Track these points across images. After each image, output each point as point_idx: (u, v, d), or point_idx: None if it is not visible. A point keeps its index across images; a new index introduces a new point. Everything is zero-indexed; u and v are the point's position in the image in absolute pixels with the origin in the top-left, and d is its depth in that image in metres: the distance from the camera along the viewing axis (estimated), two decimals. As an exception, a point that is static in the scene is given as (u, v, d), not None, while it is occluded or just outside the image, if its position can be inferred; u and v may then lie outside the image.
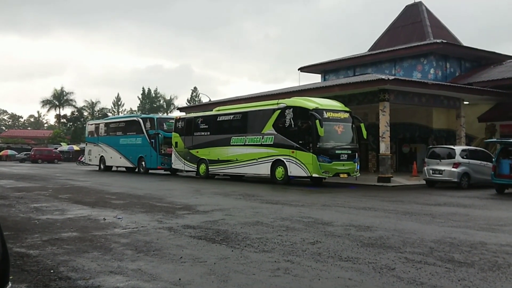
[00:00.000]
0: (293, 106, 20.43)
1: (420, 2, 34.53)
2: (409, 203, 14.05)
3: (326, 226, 9.22)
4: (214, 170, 24.43)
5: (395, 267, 6.05)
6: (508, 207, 13.76)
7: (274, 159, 20.76)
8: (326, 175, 19.45)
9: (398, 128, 29.13)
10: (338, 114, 20.25)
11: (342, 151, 19.78)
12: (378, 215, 11.25)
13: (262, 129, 21.54)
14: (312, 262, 6.30)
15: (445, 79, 29.51)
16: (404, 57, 31.14)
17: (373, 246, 7.39)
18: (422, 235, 8.36)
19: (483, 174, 20.28)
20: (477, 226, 9.62)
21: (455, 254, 6.87)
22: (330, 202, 14.01)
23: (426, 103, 24.64)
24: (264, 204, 13.18)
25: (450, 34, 33.61)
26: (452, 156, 20.30)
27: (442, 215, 11.39)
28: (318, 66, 36.63)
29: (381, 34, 35.90)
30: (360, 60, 33.82)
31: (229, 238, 7.90)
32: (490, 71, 29.54)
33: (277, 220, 9.92)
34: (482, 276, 5.66)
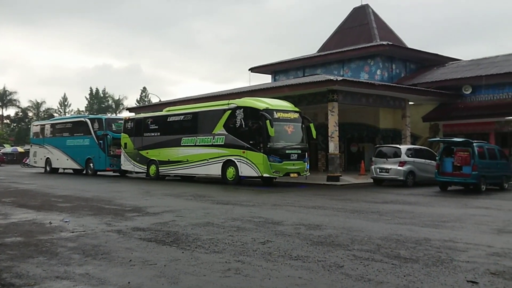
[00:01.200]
0: (243, 106, 20.48)
1: (367, 5, 35.31)
2: (357, 201, 14.37)
3: (276, 226, 9.30)
4: (165, 171, 24.17)
5: (343, 265, 6.18)
6: (451, 203, 14.29)
7: (225, 160, 20.75)
8: (277, 174, 19.60)
9: (346, 128, 29.70)
10: (288, 114, 20.46)
11: (292, 151, 19.99)
12: (328, 213, 11.45)
13: (213, 130, 21.49)
14: (262, 262, 6.35)
15: (391, 80, 30.31)
16: (352, 58, 31.78)
17: (323, 244, 7.52)
18: (370, 233, 8.57)
19: (427, 172, 20.97)
20: (421, 223, 9.95)
21: (401, 250, 7.09)
22: (281, 201, 14.14)
23: (373, 103, 25.24)
24: (215, 204, 13.16)
25: (396, 36, 34.54)
26: (398, 155, 20.88)
27: (388, 212, 11.71)
28: (269, 67, 36.86)
29: (330, 36, 36.49)
30: (310, 61, 34.27)
31: (180, 240, 7.85)
32: (433, 72, 30.56)
33: (228, 221, 9.93)
34: (426, 271, 5.86)
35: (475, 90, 26.94)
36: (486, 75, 26.15)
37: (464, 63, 31.35)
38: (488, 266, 6.14)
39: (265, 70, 37.49)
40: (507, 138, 25.83)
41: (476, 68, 28.30)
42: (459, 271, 5.91)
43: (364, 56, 31.03)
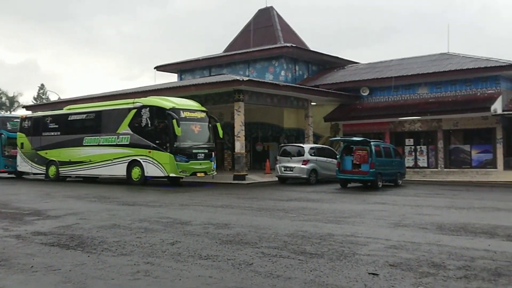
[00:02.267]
0: (149, 105, 20.15)
1: (272, 7, 36.06)
2: (263, 200, 14.67)
3: (185, 226, 9.28)
4: (66, 172, 23.16)
5: (252, 262, 6.31)
6: (351, 200, 15.02)
7: (130, 160, 20.30)
8: (184, 174, 19.51)
9: (252, 127, 30.18)
10: (195, 113, 20.43)
11: (199, 150, 19.99)
12: (235, 212, 11.59)
13: (117, 129, 20.93)
14: (172, 263, 6.32)
15: (295, 81, 31.20)
16: (257, 59, 32.31)
17: (231, 243, 7.62)
18: (277, 230, 8.81)
19: (329, 170, 21.87)
20: (325, 219, 10.38)
21: (307, 246, 7.36)
22: (188, 201, 14.10)
23: (277, 103, 25.85)
24: (120, 206, 12.85)
25: (299, 39, 35.60)
26: (301, 154, 21.59)
27: (293, 210, 12.09)
28: (174, 66, 36.50)
29: (236, 36, 36.85)
30: (216, 60, 34.39)
31: (85, 243, 7.59)
32: (334, 74, 31.87)
33: (135, 222, 9.74)
34: (331, 266, 6.14)
35: (372, 92, 28.45)
36: (382, 78, 27.72)
37: (362, 66, 32.99)
38: (387, 258, 6.55)
39: (171, 69, 37.09)
40: (400, 138, 27.54)
41: (373, 71, 29.90)
42: (361, 264, 6.25)
43: (269, 57, 31.67)
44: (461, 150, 25.87)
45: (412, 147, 27.11)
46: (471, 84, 25.29)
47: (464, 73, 24.98)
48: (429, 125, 26.35)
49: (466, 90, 25.41)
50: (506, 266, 6.10)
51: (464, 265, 6.18)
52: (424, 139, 27.02)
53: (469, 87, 25.33)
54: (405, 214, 11.43)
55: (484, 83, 24.92)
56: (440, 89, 26.16)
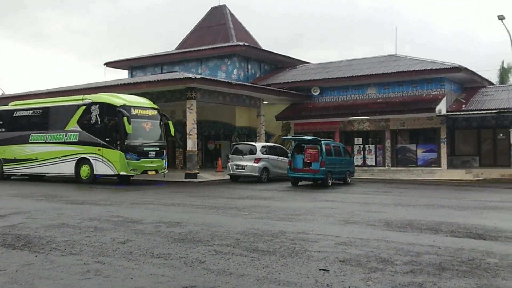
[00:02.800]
0: (99, 102, 19.76)
1: (224, 5, 36.01)
2: (216, 198, 14.68)
3: (136, 224, 9.18)
4: (10, 170, 22.38)
5: (205, 260, 6.32)
6: (302, 198, 15.24)
7: (79, 157, 19.85)
8: (134, 172, 19.26)
9: (204, 125, 30.09)
10: (146, 111, 20.18)
11: (150, 148, 19.77)
12: (187, 210, 11.55)
13: (65, 126, 20.42)
14: (123, 262, 6.25)
15: (247, 79, 31.31)
16: (209, 57, 32.21)
17: (184, 241, 7.60)
18: (229, 228, 8.84)
19: (280, 168, 22.09)
20: (277, 217, 10.49)
21: (259, 243, 7.43)
22: (139, 200, 13.94)
23: (230, 102, 25.89)
24: (69, 204, 12.56)
25: (251, 38, 35.71)
26: (253, 152, 21.71)
27: (246, 207, 12.16)
28: (125, 62, 35.88)
29: (188, 33, 36.57)
30: (168, 58, 34.04)
31: (32, 243, 7.39)
32: (286, 73, 32.19)
33: (84, 221, 9.55)
34: (283, 262, 6.23)
35: (322, 92, 28.93)
36: (332, 78, 28.22)
37: (313, 66, 33.47)
38: (337, 254, 6.70)
39: (122, 65, 36.43)
40: (350, 137, 28.15)
41: (324, 71, 30.40)
42: (312, 260, 6.37)
43: (221, 56, 31.63)
44: (408, 149, 26.70)
45: (361, 146, 27.77)
46: (417, 86, 26.14)
47: (410, 74, 25.80)
48: (377, 124, 27.05)
49: (413, 91, 26.24)
50: (449, 261, 6.36)
51: (411, 260, 6.40)
52: (372, 138, 27.73)
53: (416, 88, 26.17)
54: (354, 211, 11.70)
55: (429, 84, 25.81)
56: (388, 90, 26.90)
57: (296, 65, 34.19)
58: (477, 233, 8.57)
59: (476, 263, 6.27)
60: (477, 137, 27.05)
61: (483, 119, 26.38)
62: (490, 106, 25.29)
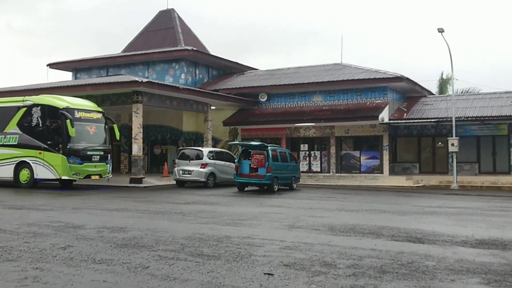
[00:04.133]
0: (41, 104, 19.15)
1: (173, 9, 35.73)
2: (161, 203, 14.51)
3: (77, 230, 8.94)
4: None
5: (149, 265, 6.24)
6: (248, 203, 15.29)
7: (19, 161, 19.12)
8: (77, 177, 18.76)
9: (150, 130, 29.70)
10: (91, 114, 19.73)
11: (94, 152, 19.33)
12: (131, 215, 11.37)
13: (4, 128, 19.65)
14: (64, 268, 6.08)
15: (195, 84, 31.16)
16: (157, 61, 31.87)
17: (127, 246, 7.47)
18: (174, 233, 8.76)
19: (227, 173, 22.08)
20: (222, 222, 10.49)
21: (204, 248, 7.40)
22: (82, 205, 13.59)
23: (177, 106, 25.68)
24: (6, 209, 12.09)
25: (200, 43, 35.62)
26: (200, 157, 21.61)
27: (191, 213, 12.08)
28: (69, 64, 34.91)
29: (135, 36, 36.04)
30: (114, 60, 33.40)
31: (-34, 249, 7.07)
32: (233, 79, 32.27)
33: (22, 226, 9.22)
34: (228, 267, 6.23)
35: (270, 98, 29.18)
36: (279, 85, 28.54)
37: (261, 72, 33.72)
38: (282, 258, 6.77)
39: (65, 67, 35.43)
40: (296, 143, 28.51)
41: (271, 78, 30.68)
42: (257, 264, 6.41)
43: (169, 60, 31.35)
44: (352, 156, 27.31)
45: (307, 152, 28.18)
46: (361, 94, 26.81)
47: (355, 83, 26.46)
48: (323, 131, 27.54)
49: (357, 99, 26.90)
50: (390, 264, 6.55)
51: (353, 263, 6.55)
52: (318, 144, 28.20)
53: (360, 97, 26.84)
54: (299, 216, 11.85)
55: (373, 93, 26.54)
56: (334, 98, 27.45)
57: (244, 71, 34.33)
58: (416, 237, 8.87)
59: (415, 266, 6.49)
60: (417, 145, 27.99)
61: (423, 127, 27.34)
62: (430, 115, 26.28)
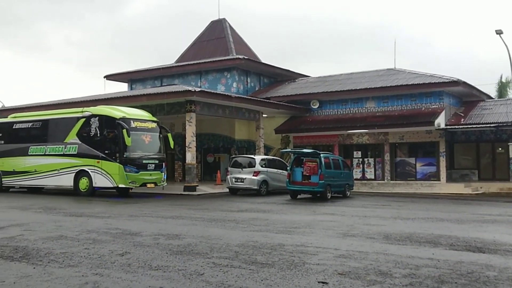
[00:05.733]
0: (99, 114, 19.80)
1: (224, 19, 36.25)
2: (215, 210, 14.65)
3: (134, 237, 9.15)
4: (9, 182, 22.34)
5: (204, 272, 6.31)
6: (301, 211, 15.21)
7: (78, 170, 19.82)
8: (133, 185, 19.22)
9: (203, 138, 30.14)
10: (146, 123, 20.21)
11: (149, 161, 19.76)
12: (186, 223, 11.52)
13: (65, 138, 20.43)
14: (122, 274, 6.23)
15: (246, 93, 31.41)
16: (209, 70, 32.36)
17: (182, 253, 7.58)
18: (228, 240, 8.82)
19: (279, 181, 22.06)
20: (275, 230, 10.47)
21: (258, 256, 7.41)
22: (138, 212, 13.91)
23: (229, 114, 25.94)
24: (67, 217, 12.53)
25: (251, 51, 35.90)
26: (252, 165, 21.70)
27: (244, 220, 12.13)
28: (125, 75, 36.02)
29: (188, 47, 36.76)
30: (168, 71, 34.17)
31: (30, 255, 7.37)
32: (285, 87, 32.30)
33: (82, 233, 9.53)
34: (282, 275, 6.21)
35: (322, 105, 29.01)
36: (331, 91, 28.33)
37: (313, 79, 33.61)
38: (336, 267, 6.69)
39: (121, 78, 36.57)
40: (349, 150, 28.18)
41: (323, 84, 30.52)
42: (311, 273, 6.35)
43: (221, 69, 31.78)
44: (407, 163, 26.71)
45: (360, 160, 27.79)
46: (416, 99, 26.23)
47: (409, 88, 25.90)
48: (376, 138, 27.10)
49: (412, 104, 26.33)
50: (448, 274, 6.35)
51: (410, 273, 6.39)
52: (371, 151, 27.76)
53: (414, 102, 26.26)
54: (353, 224, 11.68)
55: (428, 98, 25.91)
56: (387, 103, 26.99)
57: (296, 79, 34.32)
58: (476, 246, 8.56)
59: (475, 276, 6.26)
60: (476, 151, 27.08)
61: (482, 133, 26.43)
62: (489, 120, 25.36)
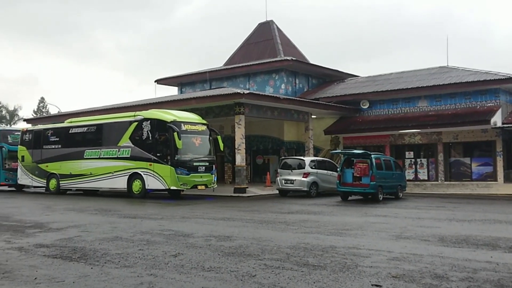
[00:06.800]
0: (150, 118, 20.21)
1: (272, 21, 36.31)
2: (265, 212, 14.67)
3: (187, 238, 9.29)
4: (66, 185, 23.15)
5: (256, 274, 6.32)
6: (352, 212, 15.02)
7: (131, 172, 20.30)
8: (184, 187, 19.49)
9: (252, 140, 30.25)
10: (196, 126, 20.48)
11: (200, 163, 20.00)
12: (237, 224, 11.59)
13: (118, 142, 20.97)
14: (175, 274, 6.33)
15: (295, 94, 31.32)
16: (257, 72, 32.47)
17: (234, 255, 7.63)
18: (279, 242, 8.81)
19: (329, 182, 21.87)
20: (327, 231, 10.38)
21: (309, 258, 7.36)
22: (189, 214, 14.10)
23: (278, 116, 25.93)
24: (122, 218, 12.85)
25: (299, 52, 35.80)
26: (302, 167, 21.60)
27: (295, 222, 12.09)
28: (175, 79, 36.67)
29: (236, 49, 37.05)
30: (216, 74, 34.53)
31: (87, 255, 7.60)
32: (334, 87, 32.00)
33: (136, 234, 9.75)
34: (334, 277, 6.15)
35: (372, 105, 28.56)
36: (381, 91, 27.83)
37: (362, 79, 33.13)
38: (390, 270, 6.56)
39: (171, 82, 37.26)
40: (400, 150, 27.60)
41: (373, 84, 30.03)
42: (364, 275, 6.26)
43: (269, 71, 31.82)
44: (461, 163, 25.91)
45: (412, 160, 27.17)
46: (470, 97, 25.41)
47: (463, 86, 25.10)
48: (429, 138, 26.42)
49: (466, 103, 25.52)
50: (508, 278, 6.11)
51: (467, 276, 6.19)
52: (424, 152, 27.09)
53: (469, 100, 25.44)
54: (407, 226, 11.43)
55: (483, 96, 25.04)
56: (440, 102, 26.27)
57: (344, 79, 33.95)
58: (538, 249, 8.21)
59: (538, 280, 6.00)
60: (535, 150, 25.96)
61: (541, 131, 25.31)
62: (549, 117, 24.27)
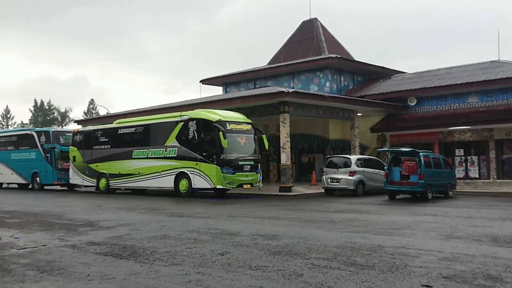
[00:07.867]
0: (196, 118, 20.46)
1: (316, 19, 36.06)
2: (311, 211, 14.59)
3: (233, 237, 9.34)
4: (115, 185, 23.74)
5: (303, 273, 6.29)
6: (400, 211, 14.74)
7: (178, 172, 20.61)
8: (230, 186, 19.62)
9: (297, 139, 30.14)
10: (241, 126, 20.58)
11: (245, 162, 20.09)
12: (283, 223, 11.58)
13: (165, 142, 21.33)
14: (223, 273, 6.38)
15: (340, 92, 31.01)
16: (301, 70, 32.32)
17: (281, 253, 7.62)
18: (325, 241, 8.75)
19: (376, 181, 21.53)
20: (374, 231, 10.23)
21: (357, 257, 7.27)
22: (235, 212, 14.19)
23: (323, 114, 25.74)
24: (169, 217, 13.06)
25: (343, 49, 35.42)
26: (348, 165, 21.36)
27: (342, 221, 11.97)
28: (220, 79, 36.98)
29: (280, 48, 37.00)
30: (260, 73, 34.57)
31: (137, 253, 7.76)
32: (380, 84, 31.49)
33: (184, 233, 9.88)
34: (382, 277, 6.05)
35: (419, 102, 27.93)
36: (429, 87, 27.18)
37: (409, 75, 32.47)
38: (440, 270, 6.40)
39: (216, 82, 37.59)
40: (450, 148, 26.88)
41: (420, 80, 29.37)
42: (413, 276, 6.13)
43: (313, 69, 31.62)
44: (515, 160, 25.00)
45: (463, 158, 26.41)
46: (524, 92, 24.47)
47: (516, 80, 24.20)
48: (480, 134, 25.62)
49: (519, 98, 24.60)
50: None
51: (523, 278, 5.97)
52: (475, 149, 26.28)
53: (522, 95, 24.51)
54: (457, 225, 11.13)
55: (538, 90, 24.07)
56: (491, 98, 25.44)
57: (391, 75, 33.36)
58: None
59: None
60: None
61: None
62: None
